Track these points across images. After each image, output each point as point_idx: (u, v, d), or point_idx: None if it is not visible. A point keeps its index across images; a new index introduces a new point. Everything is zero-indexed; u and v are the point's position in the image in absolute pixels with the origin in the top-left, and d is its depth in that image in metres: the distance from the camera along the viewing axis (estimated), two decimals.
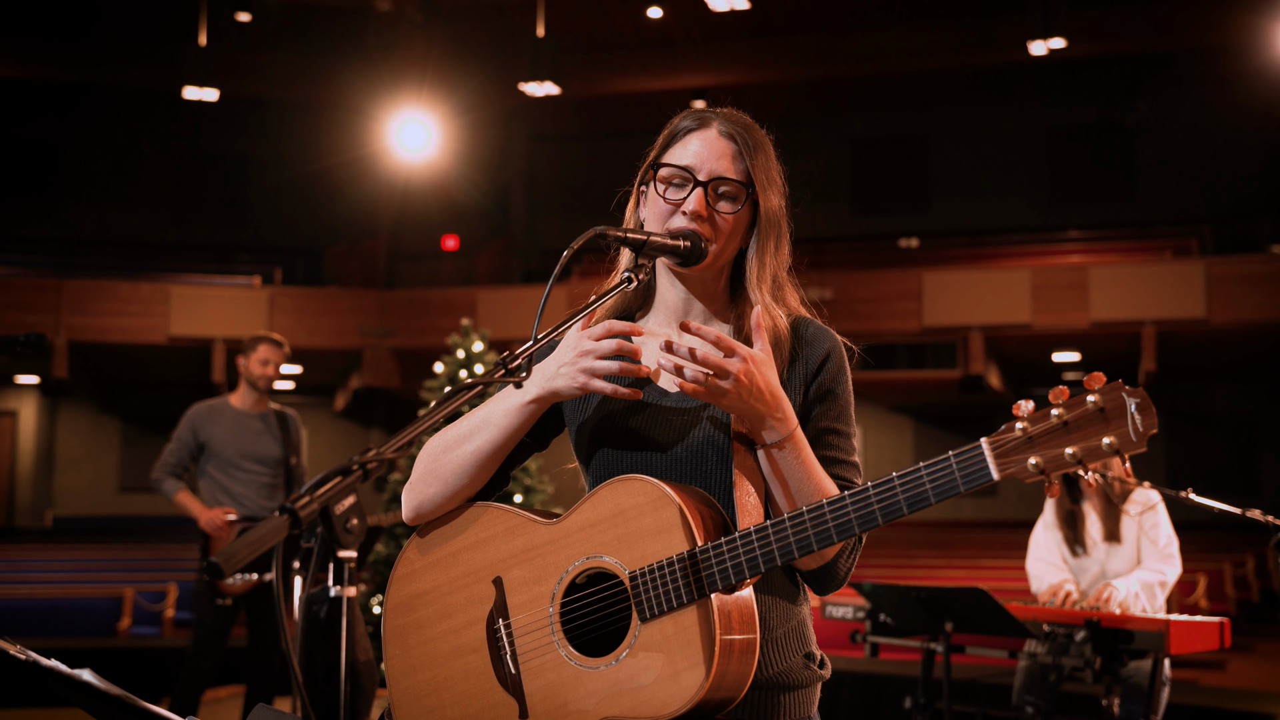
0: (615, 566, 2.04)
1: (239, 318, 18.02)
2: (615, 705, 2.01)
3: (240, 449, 6.68)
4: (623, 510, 2.05)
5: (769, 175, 2.20)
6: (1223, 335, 16.43)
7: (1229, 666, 11.77)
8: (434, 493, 2.19)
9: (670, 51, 19.19)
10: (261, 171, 22.39)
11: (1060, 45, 15.00)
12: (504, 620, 2.13)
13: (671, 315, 2.27)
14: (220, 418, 6.73)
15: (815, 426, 2.17)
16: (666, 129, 2.24)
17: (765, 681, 2.11)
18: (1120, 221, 20.40)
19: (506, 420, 2.15)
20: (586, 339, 2.07)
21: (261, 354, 6.76)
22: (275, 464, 6.76)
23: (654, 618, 1.99)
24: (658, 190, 2.19)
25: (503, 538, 2.16)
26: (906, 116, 22.07)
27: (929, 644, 5.17)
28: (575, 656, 2.06)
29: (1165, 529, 5.23)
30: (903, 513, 1.89)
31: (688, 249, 2.12)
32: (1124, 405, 1.75)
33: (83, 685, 1.44)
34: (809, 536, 1.94)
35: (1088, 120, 21.34)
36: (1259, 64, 16.79)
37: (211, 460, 6.68)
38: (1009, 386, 18.75)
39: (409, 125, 16.76)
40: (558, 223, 23.04)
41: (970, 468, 1.84)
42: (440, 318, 17.89)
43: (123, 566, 16.18)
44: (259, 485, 6.67)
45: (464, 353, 9.16)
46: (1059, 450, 1.79)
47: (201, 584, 6.39)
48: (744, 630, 2.01)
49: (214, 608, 6.37)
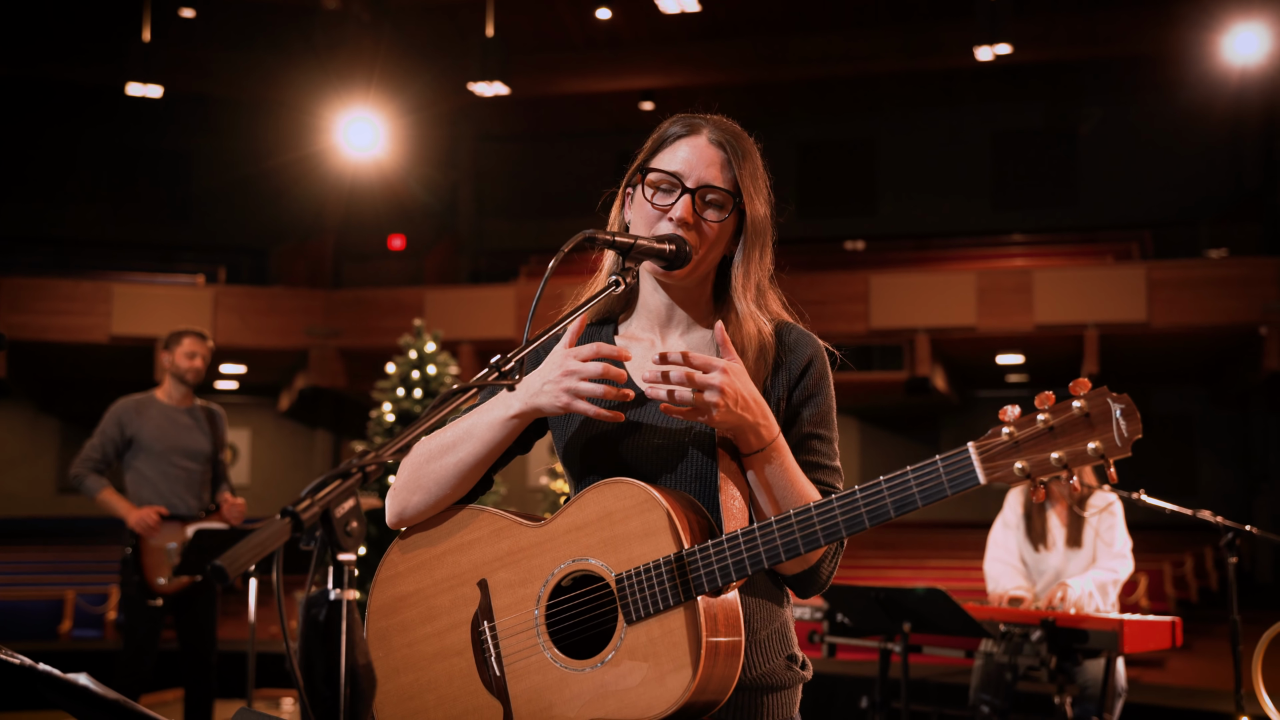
0: (601, 569, 2.05)
1: (182, 317, 17.75)
2: (601, 707, 2.02)
3: (169, 443, 6.49)
4: (609, 513, 2.05)
5: (756, 184, 2.22)
6: (1163, 338, 16.68)
7: (1169, 665, 11.96)
8: (418, 500, 2.19)
9: (618, 53, 19.20)
10: (206, 169, 22.14)
11: (1006, 51, 15.15)
12: (489, 623, 2.13)
13: (654, 320, 2.28)
14: (148, 412, 6.54)
15: (798, 432, 2.19)
16: (655, 133, 2.25)
17: (750, 683, 2.12)
18: (1063, 226, 20.65)
19: (489, 434, 2.15)
20: (573, 359, 2.05)
21: (186, 347, 6.57)
22: (204, 459, 6.59)
23: (640, 620, 2.00)
24: (645, 195, 2.19)
25: (488, 540, 2.16)
26: (853, 120, 22.22)
27: (886, 644, 5.22)
28: (561, 659, 2.06)
29: (1121, 532, 5.31)
30: (889, 516, 1.91)
31: (673, 253, 2.12)
32: (1109, 410, 1.77)
33: (78, 690, 1.42)
34: (796, 540, 1.95)
35: (1031, 126, 21.58)
36: (1198, 72, 17.09)
37: (139, 456, 6.48)
38: (954, 389, 18.92)
39: (356, 124, 16.67)
40: (505, 223, 22.99)
41: (957, 472, 1.85)
42: (387, 318, 17.79)
43: (63, 569, 15.98)
44: (187, 481, 6.49)
45: (416, 353, 9.13)
46: (1045, 455, 1.80)
47: (131, 586, 6.24)
48: (729, 633, 2.02)
49: (145, 609, 6.24)
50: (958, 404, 20.08)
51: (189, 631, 6.36)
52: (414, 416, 8.91)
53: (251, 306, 18.33)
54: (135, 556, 6.26)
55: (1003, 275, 17.20)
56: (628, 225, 2.25)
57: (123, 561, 6.33)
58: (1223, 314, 16.10)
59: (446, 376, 9.17)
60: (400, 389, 9.00)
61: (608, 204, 2.34)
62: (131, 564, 6.26)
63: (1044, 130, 21.54)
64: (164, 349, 6.64)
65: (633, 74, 19.24)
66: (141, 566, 6.23)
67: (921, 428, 21.00)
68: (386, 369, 9.21)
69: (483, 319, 17.76)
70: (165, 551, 6.24)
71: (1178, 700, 7.93)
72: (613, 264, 2.28)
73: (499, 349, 16.83)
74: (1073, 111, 21.38)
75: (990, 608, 5.05)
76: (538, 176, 22.76)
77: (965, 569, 14.52)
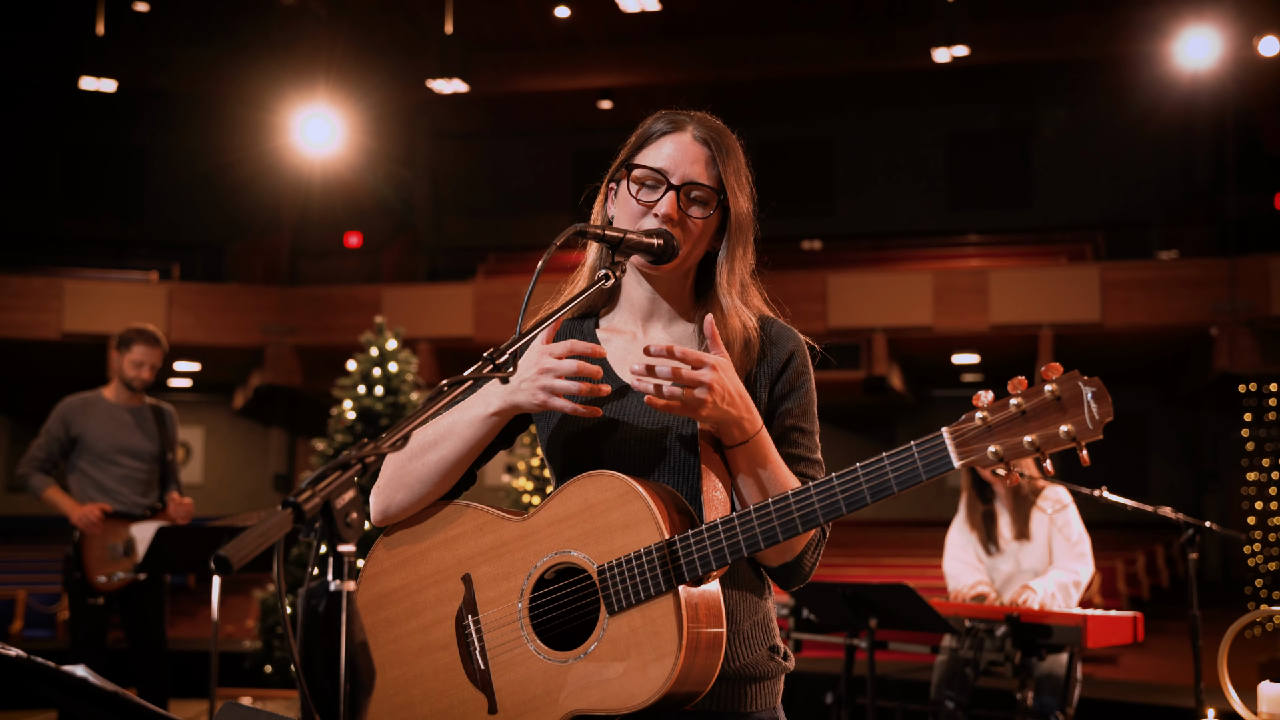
0: (584, 561, 2.06)
1: (136, 314, 17.58)
2: (584, 698, 2.03)
3: (114, 443, 6.40)
4: (590, 505, 2.07)
5: (739, 180, 2.24)
6: (1116, 338, 16.87)
7: (1121, 661, 12.10)
8: (401, 498, 2.20)
9: (577, 51, 19.19)
10: (160, 165, 21.91)
11: (963, 53, 15.27)
12: (473, 616, 2.14)
13: (636, 313, 2.29)
14: (94, 411, 6.44)
15: (780, 425, 2.21)
16: (639, 129, 2.27)
17: (733, 673, 2.14)
18: (1018, 227, 20.84)
19: (470, 431, 2.17)
20: (548, 356, 2.07)
21: (135, 355, 6.43)
22: (151, 459, 6.49)
23: (622, 610, 2.01)
24: (630, 191, 2.20)
25: (471, 535, 2.17)
26: (811, 120, 22.31)
27: (851, 640, 5.25)
28: (544, 651, 2.08)
29: (1077, 527, 5.38)
30: (866, 502, 1.94)
31: (660, 247, 2.14)
32: (1080, 393, 1.80)
33: (76, 683, 1.42)
34: (774, 527, 1.97)
35: (987, 127, 21.77)
36: (1151, 76, 17.30)
37: (84, 455, 6.39)
38: (910, 388, 19.05)
39: (313, 121, 16.57)
40: (463, 220, 22.91)
41: (931, 456, 1.87)
42: (345, 315, 17.70)
43: (14, 568, 15.80)
44: (133, 481, 6.40)
45: (378, 350, 9.09)
46: (1018, 439, 1.82)
47: (73, 584, 6.17)
48: (711, 623, 2.04)
49: (87, 608, 6.17)
50: (913, 403, 20.22)
51: (136, 630, 6.30)
52: (376, 414, 8.87)
53: (206, 303, 18.18)
54: (77, 554, 6.18)
55: (959, 275, 17.34)
56: (611, 220, 2.27)
57: (65, 559, 6.26)
58: (1174, 315, 16.31)
59: (408, 374, 9.13)
60: (361, 386, 8.96)
61: (590, 198, 2.35)
62: (73, 561, 6.18)
63: (1000, 132, 21.74)
64: (116, 348, 6.52)
65: (591, 73, 19.24)
66: (83, 564, 6.16)
67: (878, 427, 21.13)
68: (347, 366, 9.15)
69: (441, 317, 17.71)
70: (108, 549, 6.17)
71: (1136, 695, 8.03)
72: (596, 259, 2.29)
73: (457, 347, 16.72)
74: (1028, 114, 21.59)
75: (955, 603, 5.10)
76: (495, 174, 22.70)
77: (921, 567, 14.62)
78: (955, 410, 15.92)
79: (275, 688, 8.93)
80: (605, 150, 2.36)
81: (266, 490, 21.43)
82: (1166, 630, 12.57)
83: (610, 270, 2.10)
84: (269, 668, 8.97)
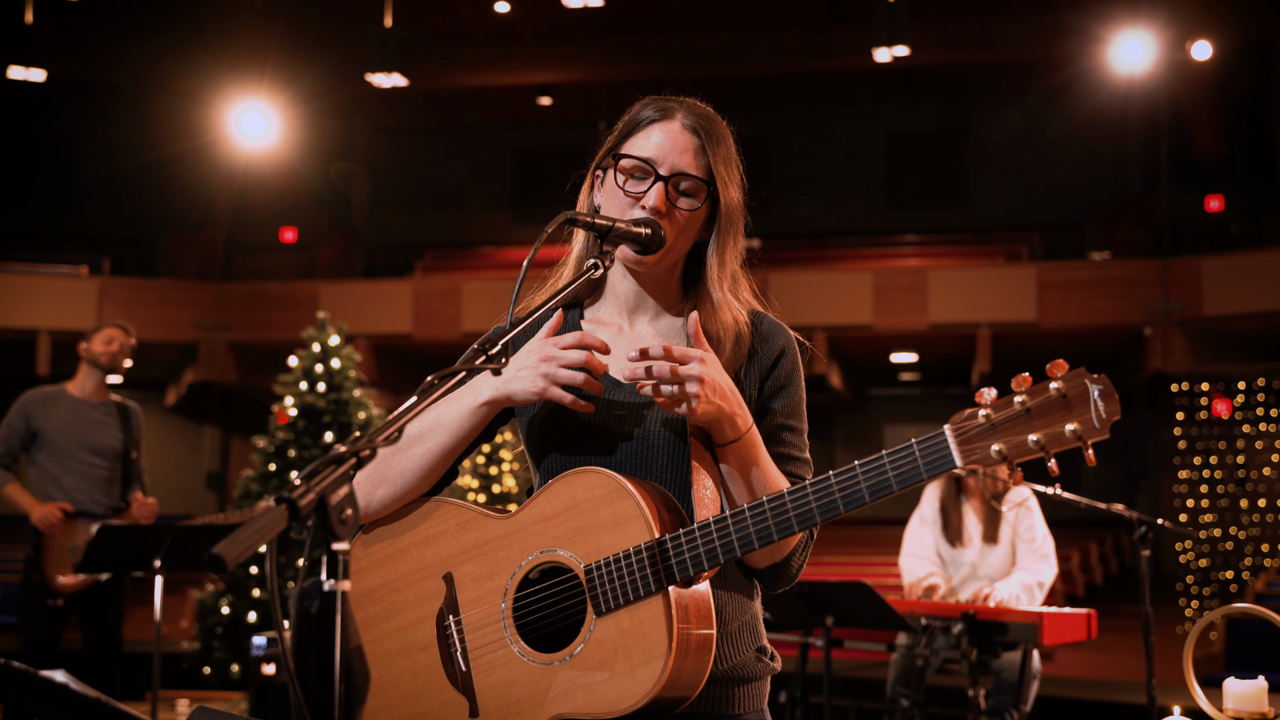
0: (570, 560, 2.00)
1: (65, 308, 17.32)
2: (569, 701, 1.97)
3: (77, 439, 6.28)
4: (578, 503, 2.00)
5: (729, 170, 2.19)
6: (1052, 337, 17.07)
7: (1058, 658, 12.20)
8: (382, 494, 2.11)
9: (517, 47, 19.09)
10: (91, 157, 21.47)
11: (903, 53, 15.37)
12: (454, 617, 2.07)
13: (622, 305, 2.23)
14: (56, 405, 6.32)
15: (769, 423, 2.16)
16: (626, 116, 2.21)
17: (721, 675, 2.09)
18: (955, 227, 21.03)
19: (459, 423, 2.09)
20: (553, 345, 2.00)
21: (106, 334, 6.41)
22: (114, 457, 6.38)
23: (609, 611, 1.95)
24: (617, 181, 2.14)
25: (454, 533, 2.10)
26: (750, 119, 22.15)
27: (806, 638, 5.23)
28: (528, 653, 2.01)
29: (1040, 528, 5.37)
30: (865, 501, 1.87)
31: (648, 236, 2.08)
32: (1087, 392, 1.75)
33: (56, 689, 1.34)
34: (769, 526, 1.91)
35: (925, 128, 21.94)
36: (1086, 79, 17.53)
37: (44, 450, 6.25)
38: (849, 386, 19.14)
39: (248, 114, 16.37)
40: (400, 216, 22.71)
41: (933, 454, 1.81)
42: (281, 311, 17.49)
43: None
44: (95, 478, 6.27)
45: (320, 346, 8.95)
46: (1022, 437, 1.76)
47: (31, 585, 6.05)
48: (701, 625, 1.98)
49: (45, 609, 6.04)
50: (850, 401, 20.32)
51: (93, 632, 6.18)
52: (318, 411, 8.74)
53: (139, 298, 17.89)
54: (36, 554, 6.05)
55: (898, 275, 17.45)
56: (597, 209, 2.20)
57: (25, 560, 6.11)
58: (1109, 315, 16.54)
59: (351, 370, 9.00)
60: (303, 383, 8.82)
61: (576, 186, 2.29)
62: (33, 562, 6.06)
63: (937, 133, 21.92)
64: (83, 340, 6.46)
65: (530, 69, 19.16)
66: (42, 564, 6.03)
67: (814, 424, 21.09)
68: (289, 362, 9.01)
69: (379, 313, 17.55)
70: (69, 549, 6.03)
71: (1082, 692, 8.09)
72: (583, 248, 2.23)
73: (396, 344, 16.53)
74: (965, 115, 21.79)
75: (912, 601, 5.09)
76: (434, 170, 22.53)
77: (881, 564, 14.66)
78: (892, 409, 16.16)
79: (214, 689, 8.77)
80: (544, 146, 2.31)
81: (199, 488, 21.12)
82: (1104, 627, 12.67)
83: (600, 260, 2.03)
84: (208, 669, 8.81)
